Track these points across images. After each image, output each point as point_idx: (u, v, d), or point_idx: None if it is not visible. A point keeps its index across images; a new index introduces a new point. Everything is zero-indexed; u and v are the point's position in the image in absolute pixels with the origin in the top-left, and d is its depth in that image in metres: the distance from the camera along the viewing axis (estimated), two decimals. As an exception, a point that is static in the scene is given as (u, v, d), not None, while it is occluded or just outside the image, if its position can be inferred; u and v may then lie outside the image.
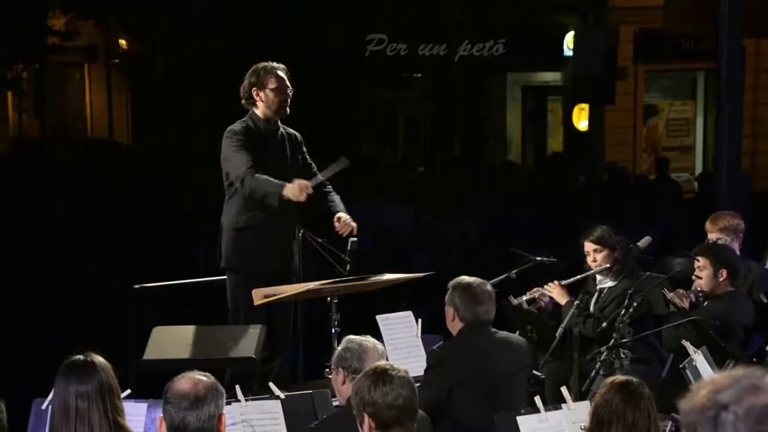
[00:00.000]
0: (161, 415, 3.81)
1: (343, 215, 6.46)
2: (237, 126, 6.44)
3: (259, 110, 6.45)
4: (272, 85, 6.38)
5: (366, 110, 21.21)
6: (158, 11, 20.15)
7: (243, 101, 6.50)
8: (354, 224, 6.42)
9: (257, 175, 6.25)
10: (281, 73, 6.42)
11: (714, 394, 1.81)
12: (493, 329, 5.48)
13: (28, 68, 23.15)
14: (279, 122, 6.55)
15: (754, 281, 7.04)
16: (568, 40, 19.22)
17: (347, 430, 4.17)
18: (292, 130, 6.64)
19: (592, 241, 6.68)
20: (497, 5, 19.43)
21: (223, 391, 3.89)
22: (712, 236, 7.14)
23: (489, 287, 5.50)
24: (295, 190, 6.13)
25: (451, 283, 5.48)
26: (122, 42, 24.14)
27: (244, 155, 6.30)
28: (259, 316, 6.22)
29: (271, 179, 6.23)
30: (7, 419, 4.31)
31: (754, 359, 6.37)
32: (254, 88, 6.41)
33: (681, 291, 6.56)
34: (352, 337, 4.80)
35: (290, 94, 6.45)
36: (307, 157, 6.69)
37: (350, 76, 19.30)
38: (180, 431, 3.75)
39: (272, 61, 6.50)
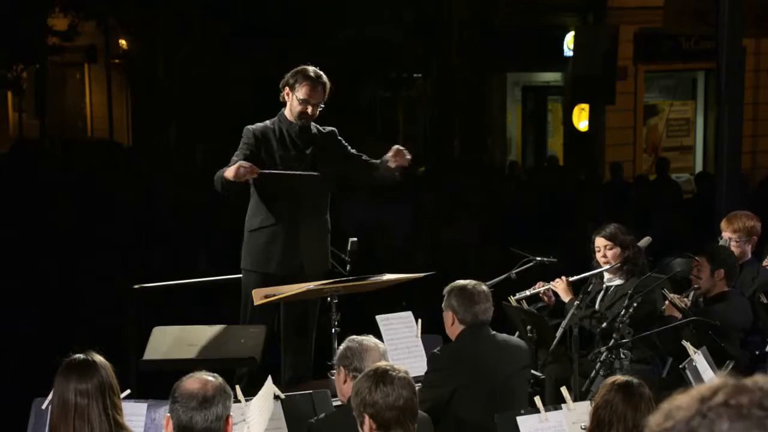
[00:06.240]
0: (168, 414, 3.81)
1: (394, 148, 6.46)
2: (254, 125, 6.43)
3: (286, 110, 6.44)
4: (300, 94, 6.33)
5: (366, 110, 21.23)
6: (158, 11, 20.16)
7: (280, 96, 6.47)
8: (408, 155, 6.46)
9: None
10: (317, 87, 6.34)
11: (705, 398, 1.80)
12: (493, 332, 5.49)
13: (28, 68, 23.17)
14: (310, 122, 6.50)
15: (759, 285, 6.97)
16: (568, 40, 19.23)
17: (347, 428, 4.18)
18: (327, 128, 6.58)
19: (605, 237, 6.58)
20: (498, 5, 19.46)
21: (231, 392, 3.90)
22: (725, 235, 7.07)
23: (485, 287, 5.52)
24: (232, 169, 6.06)
25: (447, 288, 5.50)
26: (122, 42, 24.17)
27: (234, 159, 6.29)
28: (267, 317, 6.22)
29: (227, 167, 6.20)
30: (7, 419, 4.32)
31: (756, 360, 6.38)
32: (287, 87, 6.38)
33: (677, 296, 6.54)
34: (354, 336, 4.82)
35: (315, 108, 6.36)
36: (349, 148, 6.60)
37: (350, 75, 19.32)
38: (187, 431, 3.75)
39: (310, 66, 6.40)
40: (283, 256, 6.37)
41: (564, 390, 4.86)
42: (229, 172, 6.09)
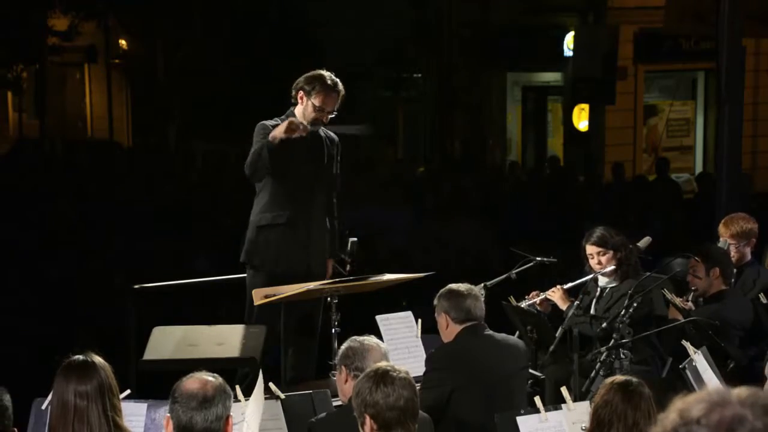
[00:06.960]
0: (168, 414, 3.81)
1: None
2: (267, 121, 6.41)
3: (297, 111, 6.43)
4: (317, 101, 6.32)
5: (366, 110, 21.24)
6: (158, 11, 20.17)
7: (292, 95, 6.48)
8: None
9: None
10: (333, 95, 6.35)
11: (684, 413, 1.85)
12: (491, 331, 5.49)
13: (28, 68, 23.18)
14: None
15: (760, 287, 6.95)
16: (568, 40, 19.23)
17: (347, 428, 4.18)
18: (332, 133, 6.61)
19: (595, 244, 6.56)
20: (498, 5, 19.47)
21: (231, 392, 3.89)
22: (724, 239, 7.05)
23: (472, 286, 5.53)
24: (282, 127, 6.05)
25: (436, 296, 5.51)
26: (122, 42, 24.17)
27: (255, 149, 6.30)
28: (272, 317, 6.21)
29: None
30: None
31: (755, 360, 6.38)
32: (302, 92, 6.37)
33: (679, 299, 6.54)
34: (355, 336, 4.82)
35: (328, 116, 6.39)
36: (337, 165, 6.61)
37: (350, 75, 19.33)
38: (187, 431, 3.75)
39: (326, 73, 6.41)
40: (293, 255, 6.37)
41: (564, 390, 4.86)
42: (279, 131, 6.05)
